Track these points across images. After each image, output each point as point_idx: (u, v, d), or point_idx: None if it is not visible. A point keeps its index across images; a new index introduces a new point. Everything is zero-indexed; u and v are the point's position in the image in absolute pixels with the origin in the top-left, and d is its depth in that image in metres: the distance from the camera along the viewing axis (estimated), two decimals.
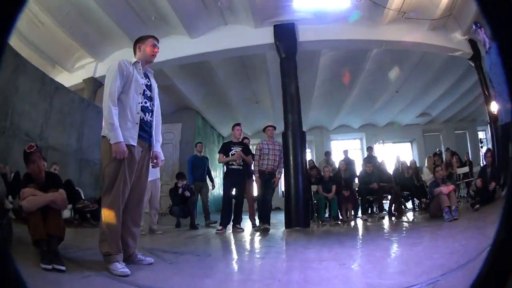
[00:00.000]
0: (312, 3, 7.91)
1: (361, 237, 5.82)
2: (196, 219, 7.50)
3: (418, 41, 9.35)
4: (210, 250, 4.74)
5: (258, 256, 4.26)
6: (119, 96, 3.27)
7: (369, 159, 10.03)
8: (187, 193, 7.64)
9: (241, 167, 6.97)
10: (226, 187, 7.01)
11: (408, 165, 9.52)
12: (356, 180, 9.20)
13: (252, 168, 7.16)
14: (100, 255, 3.08)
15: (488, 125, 10.45)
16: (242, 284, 2.82)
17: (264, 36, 8.41)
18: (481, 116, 14.90)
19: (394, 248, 4.33)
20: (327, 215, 8.27)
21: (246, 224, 7.39)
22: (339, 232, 6.55)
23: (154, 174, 6.16)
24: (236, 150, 6.95)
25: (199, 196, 8.41)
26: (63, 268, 2.84)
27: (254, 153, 7.22)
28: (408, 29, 9.23)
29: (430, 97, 14.46)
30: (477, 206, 6.35)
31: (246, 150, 7.13)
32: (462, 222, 5.65)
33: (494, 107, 7.64)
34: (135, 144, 3.31)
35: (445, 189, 6.40)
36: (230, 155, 6.94)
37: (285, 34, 8.21)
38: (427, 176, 9.23)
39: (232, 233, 6.51)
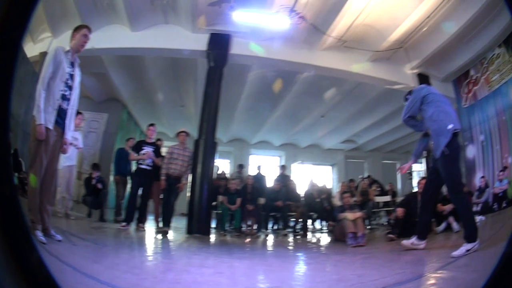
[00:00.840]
0: (252, 18, 8.09)
1: (251, 250, 6.07)
2: (107, 212, 7.75)
3: (351, 70, 9.71)
4: (108, 242, 5.18)
5: (147, 253, 4.67)
6: (48, 81, 3.58)
7: (280, 178, 10.23)
8: (99, 185, 7.75)
9: (150, 168, 7.11)
10: (133, 185, 7.21)
11: (319, 188, 9.82)
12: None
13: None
14: None
15: (425, 158, 10.87)
16: (122, 273, 3.03)
17: (199, 42, 8.51)
18: None
19: (277, 264, 4.52)
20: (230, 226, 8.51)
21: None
22: (236, 243, 6.83)
23: (70, 160, 6.32)
24: (147, 150, 7.08)
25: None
26: None
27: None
28: (345, 57, 9.57)
29: (358, 126, 14.90)
30: (391, 236, 6.39)
31: (157, 151, 7.30)
32: (367, 249, 5.73)
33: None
34: (52, 128, 3.61)
35: (350, 215, 6.48)
36: (140, 154, 7.04)
37: (219, 43, 8.41)
38: (338, 200, 9.50)
39: (135, 231, 6.71)
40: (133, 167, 7.89)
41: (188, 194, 7.81)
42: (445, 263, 3.50)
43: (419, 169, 13.70)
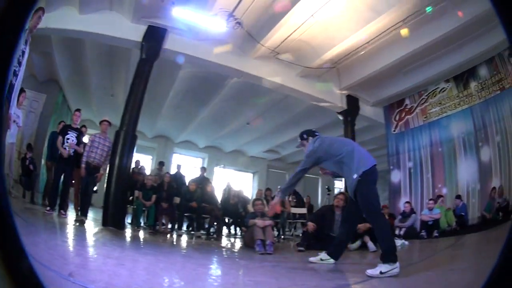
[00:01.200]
0: (191, 16, 8.13)
1: (158, 248, 6.05)
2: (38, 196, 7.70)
3: (280, 82, 9.96)
4: (25, 224, 4.89)
5: (62, 238, 4.83)
6: None
7: (198, 179, 10.14)
8: (31, 167, 7.69)
9: (72, 155, 7.10)
10: (56, 171, 7.17)
11: (236, 193, 9.86)
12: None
13: None
14: None
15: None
16: (42, 251, 3.19)
17: (136, 32, 8.49)
18: None
19: (179, 263, 4.59)
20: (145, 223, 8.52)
21: None
22: (146, 240, 6.94)
23: (12, 137, 6.12)
24: (71, 135, 7.09)
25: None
26: None
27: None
28: (276, 69, 9.81)
29: (282, 138, 15.24)
30: (300, 248, 6.51)
31: (79, 137, 7.28)
32: (274, 258, 5.64)
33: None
34: None
35: (260, 222, 6.45)
36: (65, 140, 7.04)
37: (154, 36, 8.42)
38: (251, 207, 9.59)
39: (57, 217, 6.72)
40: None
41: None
42: (353, 282, 3.64)
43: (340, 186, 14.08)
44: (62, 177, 7.06)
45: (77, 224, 6.51)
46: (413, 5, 7.96)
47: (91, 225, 6.96)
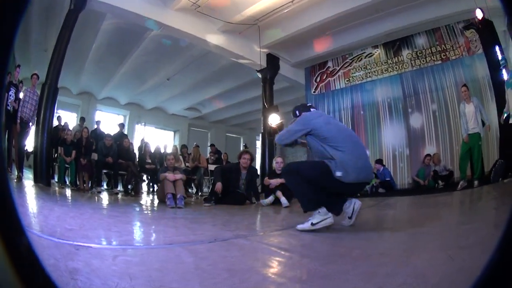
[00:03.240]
0: None
1: (74, 202, 6.23)
2: None
3: (201, 37, 9.97)
4: None
5: None
6: None
7: (116, 135, 10.14)
8: None
9: (11, 111, 7.21)
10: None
11: (153, 149, 10.12)
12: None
13: None
14: None
15: (261, 134, 11.70)
16: None
17: None
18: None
19: (87, 213, 4.69)
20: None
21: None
22: (66, 195, 7.11)
23: None
24: (11, 92, 7.17)
25: None
26: None
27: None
28: (196, 22, 9.80)
29: (203, 95, 15.43)
30: (206, 204, 6.68)
31: (16, 93, 7.36)
32: (183, 211, 5.69)
33: None
34: None
35: (170, 176, 6.60)
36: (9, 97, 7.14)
37: None
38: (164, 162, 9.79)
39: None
40: None
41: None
42: (250, 233, 3.61)
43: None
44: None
45: (15, 180, 6.84)
46: None
47: (25, 182, 7.12)
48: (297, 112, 4.03)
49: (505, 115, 6.78)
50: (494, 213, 3.72)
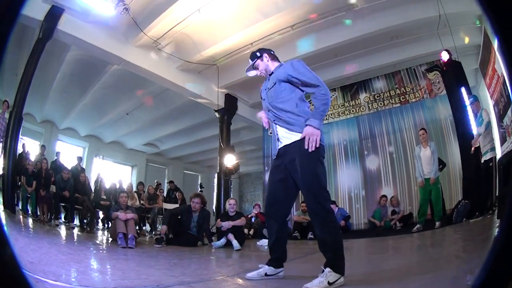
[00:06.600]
0: None
1: (32, 234, 6.35)
2: None
3: (160, 74, 10.24)
4: None
5: None
6: None
7: (73, 168, 10.22)
8: None
9: None
10: None
11: (105, 184, 10.18)
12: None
13: None
14: None
15: (216, 174, 11.91)
16: None
17: (40, 10, 8.14)
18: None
19: (34, 244, 4.78)
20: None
21: None
22: (26, 225, 7.23)
23: None
24: None
25: None
26: None
27: None
28: (156, 60, 10.13)
29: (161, 131, 15.63)
30: (157, 245, 6.61)
31: None
32: (135, 251, 5.71)
33: None
34: None
35: (122, 215, 6.54)
36: None
37: (52, 17, 8.23)
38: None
39: None
40: None
41: None
42: (198, 279, 3.45)
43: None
44: None
45: None
46: (304, 12, 8.58)
47: None
48: (257, 54, 3.59)
49: (487, 153, 6.67)
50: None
